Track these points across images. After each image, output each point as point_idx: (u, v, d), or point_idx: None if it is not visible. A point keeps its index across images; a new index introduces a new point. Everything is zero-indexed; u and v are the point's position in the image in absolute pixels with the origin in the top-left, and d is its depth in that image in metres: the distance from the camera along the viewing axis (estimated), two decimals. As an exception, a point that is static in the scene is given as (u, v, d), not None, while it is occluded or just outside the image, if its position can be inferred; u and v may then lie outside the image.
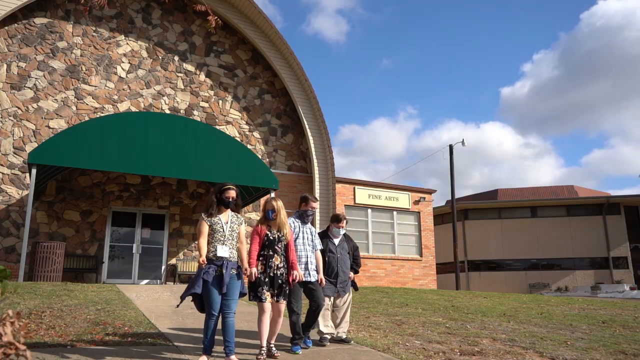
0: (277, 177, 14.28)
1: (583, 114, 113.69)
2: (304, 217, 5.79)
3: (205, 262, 4.72)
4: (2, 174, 13.88)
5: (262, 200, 15.01)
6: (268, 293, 5.05)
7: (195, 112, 16.49)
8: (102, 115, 14.53)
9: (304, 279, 5.39)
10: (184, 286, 12.37)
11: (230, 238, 4.88)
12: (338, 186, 17.95)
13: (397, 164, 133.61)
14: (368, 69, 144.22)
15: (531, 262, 31.65)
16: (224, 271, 4.70)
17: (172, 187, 15.86)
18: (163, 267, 15.35)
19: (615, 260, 30.53)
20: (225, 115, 16.98)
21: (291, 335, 5.47)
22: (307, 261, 5.55)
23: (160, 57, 16.40)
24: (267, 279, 5.07)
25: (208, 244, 4.81)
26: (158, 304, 8.34)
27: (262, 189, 14.36)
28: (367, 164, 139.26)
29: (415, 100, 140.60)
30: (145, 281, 15.00)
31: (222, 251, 4.76)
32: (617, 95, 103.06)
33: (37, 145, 13.68)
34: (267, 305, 5.03)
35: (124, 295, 9.03)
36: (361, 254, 14.36)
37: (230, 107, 17.15)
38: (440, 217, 32.12)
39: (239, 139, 16.40)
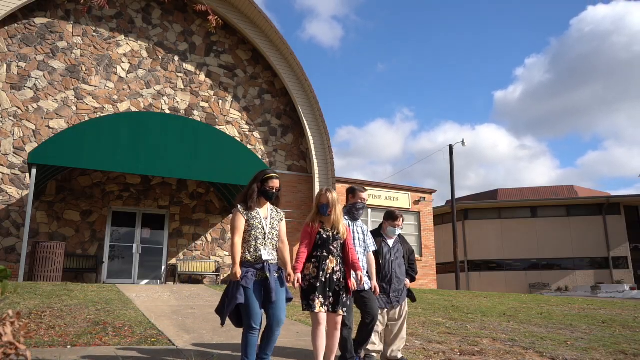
0: (277, 177, 14.26)
1: (576, 117, 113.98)
2: (353, 211, 4.92)
3: (239, 275, 3.93)
4: (2, 174, 13.87)
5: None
6: (319, 301, 4.21)
7: (195, 112, 16.48)
8: (102, 115, 14.53)
9: (356, 288, 4.58)
10: (184, 286, 12.34)
11: (271, 237, 4.14)
12: (338, 186, 17.94)
13: (394, 165, 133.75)
14: (364, 72, 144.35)
15: (531, 262, 31.65)
16: (267, 274, 3.97)
17: (172, 187, 15.86)
18: (163, 267, 15.35)
19: (615, 260, 30.52)
20: (225, 115, 16.97)
21: (340, 354, 4.59)
22: None
23: (160, 57, 16.40)
24: (319, 284, 4.24)
25: (244, 242, 4.07)
26: (158, 304, 8.34)
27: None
28: (365, 166, 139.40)
29: (411, 102, 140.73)
30: (145, 281, 15.00)
31: (266, 254, 4.04)
32: (609, 99, 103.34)
33: (37, 145, 13.68)
34: (323, 316, 4.20)
35: (124, 295, 9.02)
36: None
37: (230, 107, 17.14)
38: (440, 217, 32.12)
39: (239, 139, 16.39)
